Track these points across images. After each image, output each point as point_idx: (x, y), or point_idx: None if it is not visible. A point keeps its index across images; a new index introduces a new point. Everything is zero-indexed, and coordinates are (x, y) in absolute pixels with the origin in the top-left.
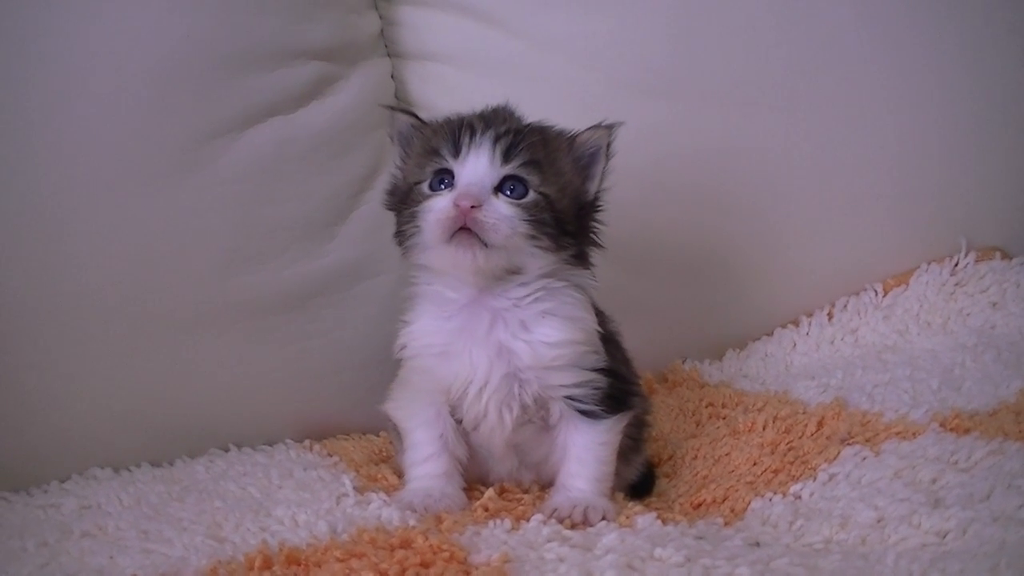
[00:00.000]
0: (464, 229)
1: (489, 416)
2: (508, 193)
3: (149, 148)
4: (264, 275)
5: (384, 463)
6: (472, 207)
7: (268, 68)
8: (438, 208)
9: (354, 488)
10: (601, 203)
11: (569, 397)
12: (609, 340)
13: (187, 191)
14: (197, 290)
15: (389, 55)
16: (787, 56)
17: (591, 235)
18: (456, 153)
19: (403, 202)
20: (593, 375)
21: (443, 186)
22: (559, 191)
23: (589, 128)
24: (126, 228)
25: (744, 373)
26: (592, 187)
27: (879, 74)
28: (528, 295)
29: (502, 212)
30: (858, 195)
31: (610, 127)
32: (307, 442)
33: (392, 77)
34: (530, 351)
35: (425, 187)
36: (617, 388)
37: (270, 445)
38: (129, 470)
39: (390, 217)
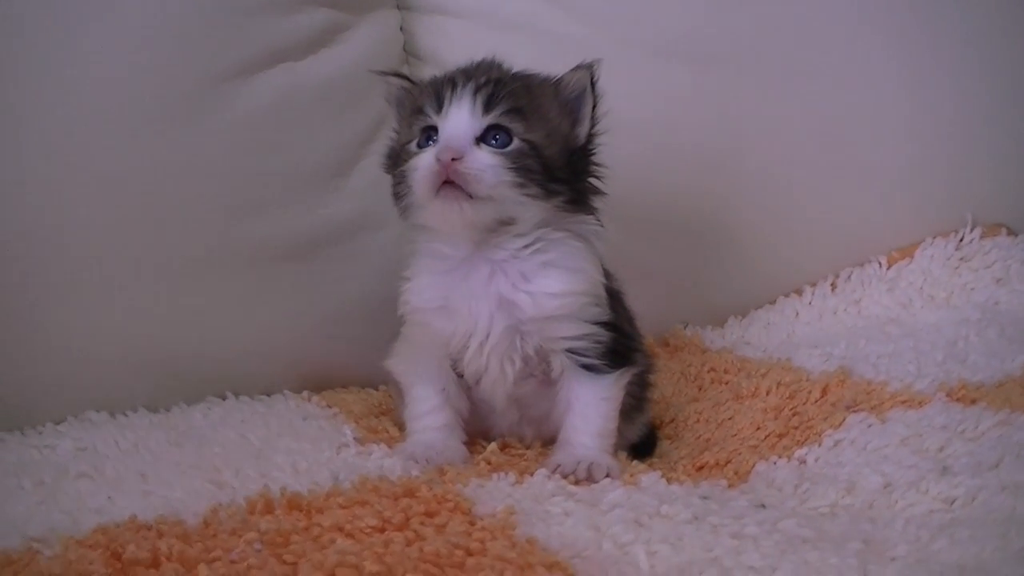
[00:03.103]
0: (449, 183)
1: (490, 370)
2: (493, 143)
3: (159, 90)
4: (269, 223)
5: (384, 416)
6: (453, 159)
7: (278, 13)
8: (423, 164)
9: (355, 439)
10: (594, 146)
11: (571, 350)
12: (613, 296)
13: (194, 135)
14: (201, 234)
15: (399, 7)
16: (801, 24)
17: (589, 179)
18: (439, 109)
19: (396, 163)
20: (595, 328)
21: (430, 143)
22: (546, 137)
23: (571, 70)
24: (133, 169)
25: (746, 340)
26: (582, 131)
27: (892, 46)
28: (526, 246)
29: (484, 162)
30: (866, 167)
31: (590, 65)
32: (305, 393)
33: (401, 29)
34: (531, 302)
35: (413, 146)
36: (620, 343)
37: (268, 395)
38: (125, 414)
39: None
